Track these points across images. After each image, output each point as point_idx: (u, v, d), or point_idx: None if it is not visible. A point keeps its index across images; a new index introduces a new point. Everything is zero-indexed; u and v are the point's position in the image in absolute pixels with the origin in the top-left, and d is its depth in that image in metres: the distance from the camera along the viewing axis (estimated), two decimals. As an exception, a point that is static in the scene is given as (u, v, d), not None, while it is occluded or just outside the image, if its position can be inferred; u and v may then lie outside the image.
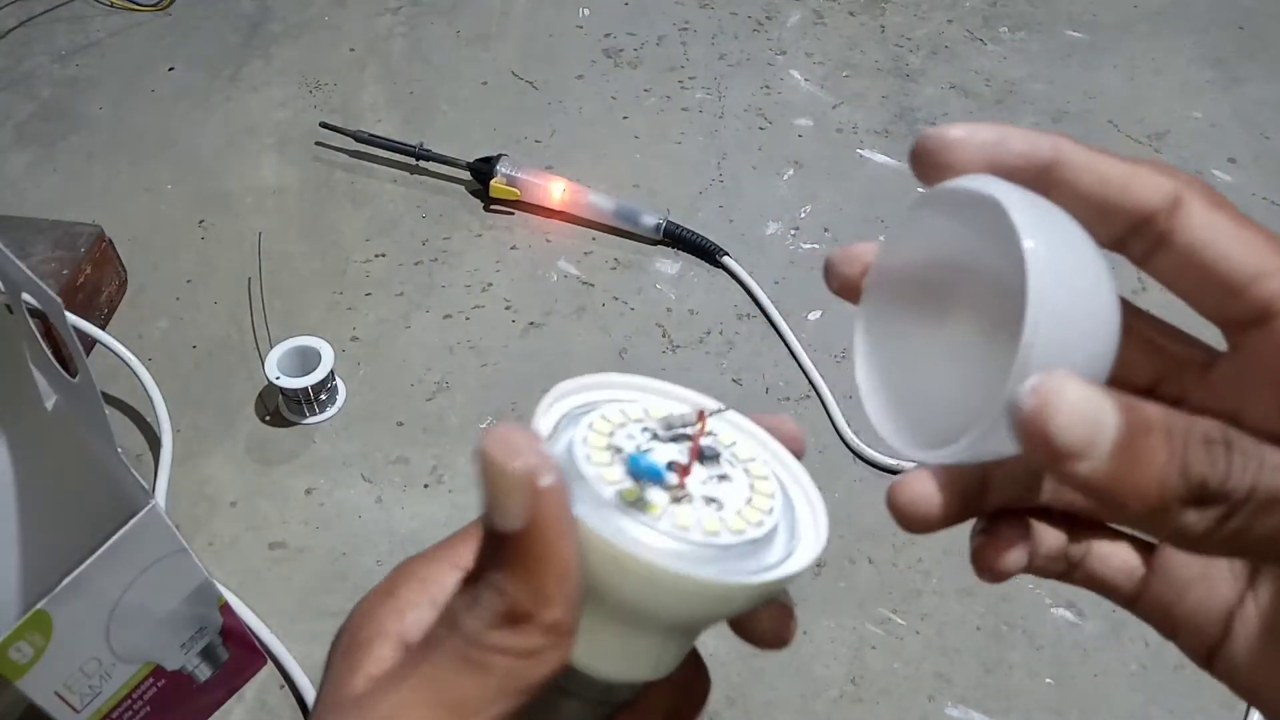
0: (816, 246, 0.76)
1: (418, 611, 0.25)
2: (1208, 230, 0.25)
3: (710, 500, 0.24)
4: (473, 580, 0.23)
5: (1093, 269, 0.24)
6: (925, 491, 0.26)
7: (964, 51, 0.90)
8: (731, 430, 0.28)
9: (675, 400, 0.28)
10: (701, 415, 0.26)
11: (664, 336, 0.70)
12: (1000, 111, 0.84)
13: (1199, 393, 0.28)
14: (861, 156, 0.82)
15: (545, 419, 0.25)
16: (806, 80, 0.88)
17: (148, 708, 0.49)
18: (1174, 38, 0.90)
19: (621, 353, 0.69)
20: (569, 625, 0.22)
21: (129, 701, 0.48)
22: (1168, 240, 0.25)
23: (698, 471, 0.25)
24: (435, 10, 0.96)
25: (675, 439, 0.26)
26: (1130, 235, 0.26)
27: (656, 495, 0.24)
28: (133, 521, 0.42)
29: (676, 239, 0.75)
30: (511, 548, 0.22)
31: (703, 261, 0.75)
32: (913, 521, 0.26)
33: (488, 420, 0.65)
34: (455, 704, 0.22)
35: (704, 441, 0.26)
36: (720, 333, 0.70)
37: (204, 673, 0.51)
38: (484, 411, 0.66)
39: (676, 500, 0.24)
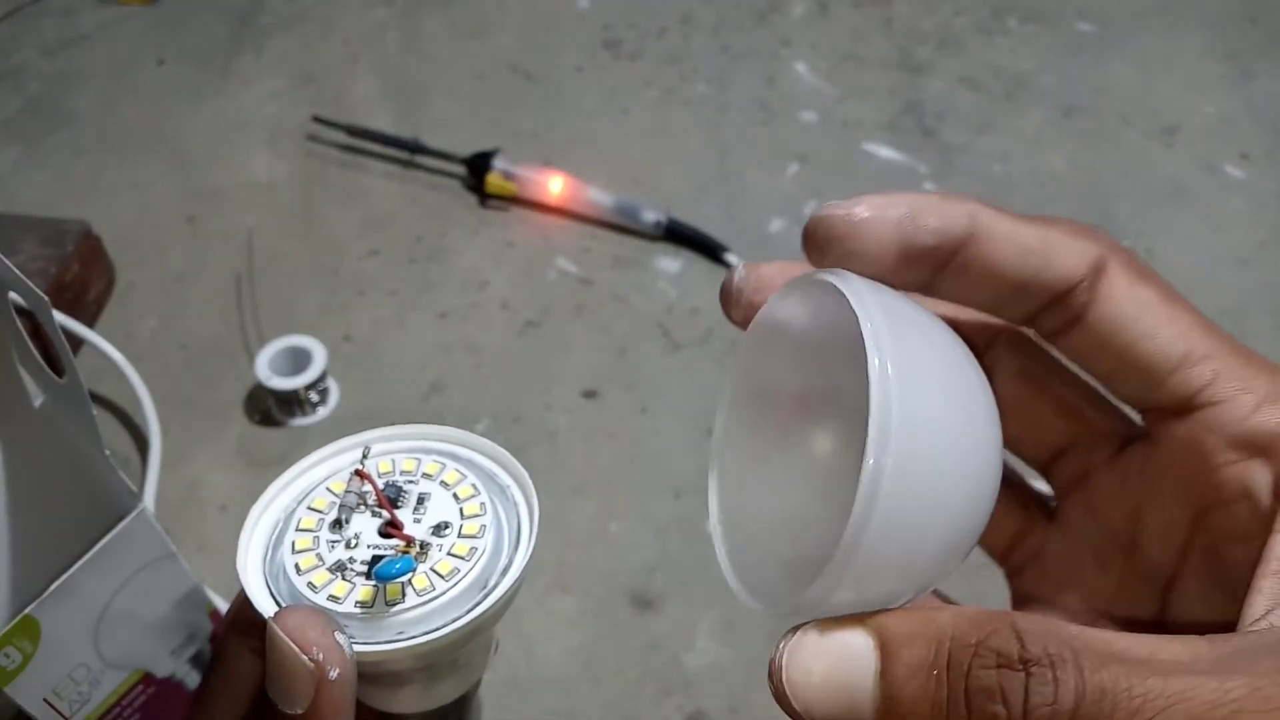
0: (821, 243, 0.74)
1: None
2: (1131, 305, 0.22)
3: (437, 528, 0.26)
4: None
5: (961, 400, 0.20)
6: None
7: (972, 44, 0.89)
8: (409, 451, 0.29)
9: (340, 454, 0.30)
10: (361, 474, 0.27)
11: (665, 336, 0.69)
12: (1009, 105, 0.83)
13: (1106, 474, 0.25)
14: (867, 151, 0.81)
15: (253, 557, 0.27)
16: (811, 73, 0.87)
17: (138, 715, 0.48)
18: (1185, 30, 0.89)
19: (621, 352, 0.68)
20: None
21: (119, 709, 0.47)
22: (1085, 315, 0.23)
23: (404, 516, 0.26)
24: (430, 1, 0.95)
25: (361, 505, 0.27)
26: (1045, 309, 0.23)
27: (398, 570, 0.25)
28: (121, 525, 0.42)
29: (678, 235, 0.74)
30: None
31: (705, 258, 0.74)
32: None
33: (483, 422, 0.64)
34: None
35: (384, 484, 0.27)
36: (723, 332, 0.69)
37: (194, 680, 0.50)
38: (480, 412, 0.65)
39: (411, 552, 0.26)
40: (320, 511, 0.27)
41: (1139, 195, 0.77)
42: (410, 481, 0.27)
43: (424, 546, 0.26)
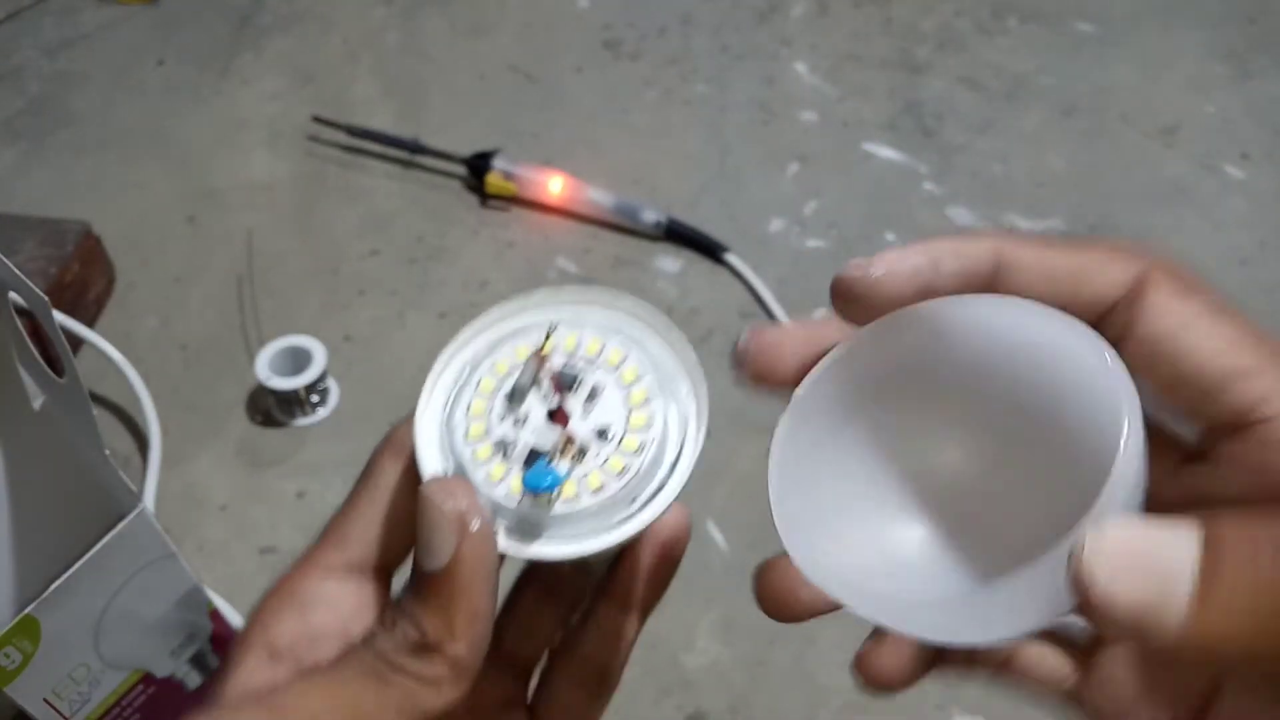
0: (822, 243, 0.74)
1: (283, 623, 0.27)
2: (1172, 321, 0.22)
3: (600, 432, 0.26)
4: (395, 607, 0.25)
5: None
6: (898, 663, 0.27)
7: (972, 43, 0.89)
8: (595, 321, 0.28)
9: (536, 308, 0.29)
10: (541, 357, 0.27)
11: (665, 335, 0.69)
12: (1010, 105, 0.83)
13: (1171, 487, 0.24)
14: (867, 151, 0.81)
15: (430, 409, 0.27)
16: (811, 73, 0.87)
17: (137, 715, 0.49)
18: (1185, 30, 0.89)
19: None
20: (470, 663, 0.24)
21: (118, 709, 0.47)
22: (1129, 335, 0.23)
23: (573, 408, 0.26)
24: (430, 1, 0.95)
25: (536, 385, 0.27)
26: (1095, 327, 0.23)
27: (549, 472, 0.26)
28: (121, 525, 0.42)
29: (678, 236, 0.74)
30: (432, 585, 0.24)
31: (705, 259, 0.74)
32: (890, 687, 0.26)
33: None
34: (354, 712, 0.24)
35: (560, 365, 0.27)
36: (723, 332, 0.69)
37: (194, 680, 0.51)
38: (481, 412, 0.65)
39: (566, 455, 0.26)
40: (502, 375, 0.27)
41: (1139, 195, 0.77)
42: (589, 365, 0.27)
43: (582, 452, 0.26)
